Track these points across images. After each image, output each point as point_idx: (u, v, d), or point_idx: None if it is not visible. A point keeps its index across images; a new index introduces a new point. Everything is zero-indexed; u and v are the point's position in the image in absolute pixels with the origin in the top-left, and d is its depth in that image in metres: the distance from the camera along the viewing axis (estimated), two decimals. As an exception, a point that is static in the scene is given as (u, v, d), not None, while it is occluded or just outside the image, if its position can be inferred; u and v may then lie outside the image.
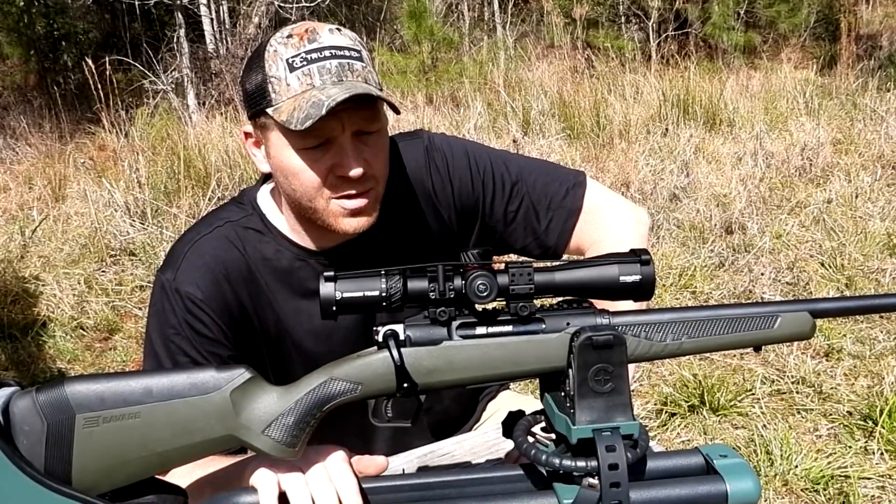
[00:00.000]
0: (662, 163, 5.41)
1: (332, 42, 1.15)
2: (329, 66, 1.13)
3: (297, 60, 1.13)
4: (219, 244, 1.24)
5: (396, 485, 0.86)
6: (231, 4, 9.16)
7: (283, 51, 1.14)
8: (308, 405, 0.85)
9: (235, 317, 1.24)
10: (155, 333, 1.23)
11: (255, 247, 1.26)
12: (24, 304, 3.99)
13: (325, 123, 1.11)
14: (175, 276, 1.22)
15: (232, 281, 1.24)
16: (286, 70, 1.13)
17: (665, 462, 0.87)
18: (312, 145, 1.15)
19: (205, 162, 5.41)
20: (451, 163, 1.36)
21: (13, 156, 6.85)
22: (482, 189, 1.37)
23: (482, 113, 6.56)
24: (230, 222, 1.27)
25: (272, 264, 1.27)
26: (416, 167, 1.35)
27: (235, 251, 1.25)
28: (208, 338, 1.21)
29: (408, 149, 1.36)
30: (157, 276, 1.25)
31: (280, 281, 1.27)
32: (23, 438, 0.79)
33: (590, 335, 0.81)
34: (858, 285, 3.73)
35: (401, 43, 9.91)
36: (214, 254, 1.23)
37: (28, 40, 9.54)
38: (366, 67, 1.17)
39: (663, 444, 2.56)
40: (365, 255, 1.26)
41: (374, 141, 1.19)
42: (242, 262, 1.25)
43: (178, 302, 1.20)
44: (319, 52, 1.13)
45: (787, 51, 9.46)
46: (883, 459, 2.47)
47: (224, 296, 1.22)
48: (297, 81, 1.13)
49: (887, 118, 6.09)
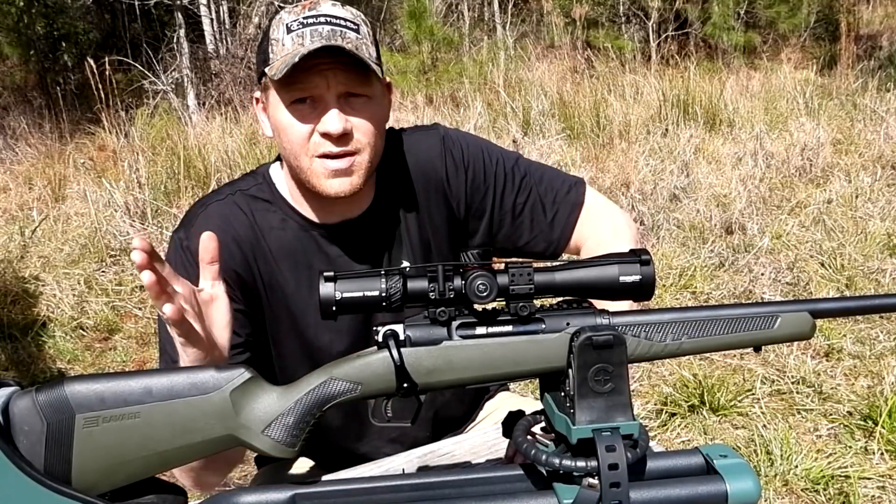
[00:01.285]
0: (662, 163, 5.41)
1: (330, 11, 1.23)
2: (321, 30, 1.20)
3: (295, 24, 1.21)
4: (230, 210, 1.31)
5: (396, 485, 0.86)
6: (231, 4, 9.17)
7: (285, 17, 1.24)
8: (308, 405, 0.85)
9: (243, 278, 1.30)
10: None
11: (263, 216, 1.32)
12: (24, 304, 3.99)
13: (309, 78, 1.19)
14: (188, 235, 1.27)
15: (241, 245, 1.30)
16: (284, 33, 1.21)
17: (665, 462, 0.87)
18: (298, 98, 1.21)
19: (205, 162, 5.41)
20: (465, 154, 1.41)
21: (13, 156, 6.85)
22: (493, 181, 1.42)
23: (482, 113, 6.56)
24: (241, 191, 1.34)
25: (277, 233, 1.32)
26: (431, 155, 1.40)
27: (245, 218, 1.31)
28: None
29: (423, 138, 1.42)
30: (171, 236, 1.33)
31: (284, 250, 1.33)
32: (23, 438, 0.79)
33: (590, 335, 0.81)
34: (858, 285, 3.73)
35: (401, 43, 9.92)
36: (225, 218, 1.30)
37: (28, 40, 9.53)
38: (360, 38, 1.22)
39: (663, 444, 2.56)
40: (366, 234, 1.33)
41: (362, 106, 1.23)
42: (250, 229, 1.31)
43: (189, 258, 1.25)
44: (315, 17, 1.21)
45: (786, 51, 9.46)
46: (883, 459, 2.47)
47: (232, 257, 1.28)
48: (290, 42, 1.20)
49: (887, 118, 6.09)
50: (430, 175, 1.39)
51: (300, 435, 0.85)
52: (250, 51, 8.25)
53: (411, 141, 1.41)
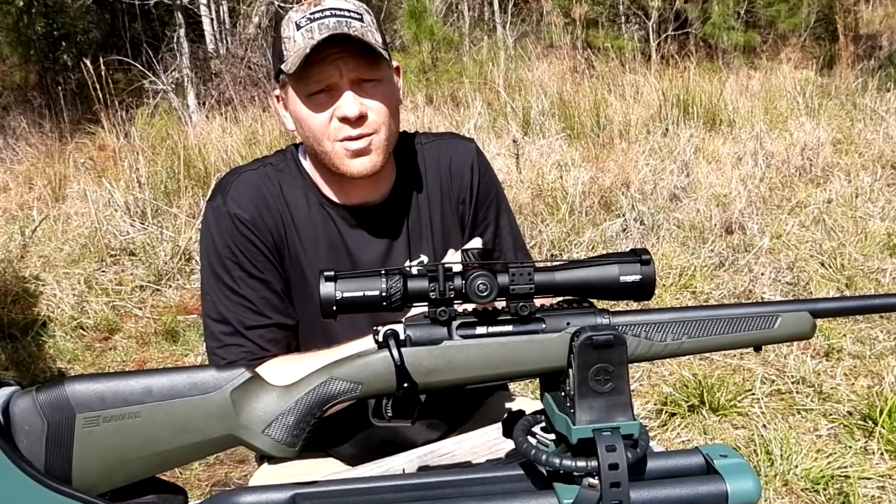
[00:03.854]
0: (662, 163, 5.41)
1: (335, 4, 1.30)
2: (328, 22, 1.27)
3: (303, 21, 1.29)
4: (261, 180, 1.39)
5: (396, 485, 0.86)
6: (231, 4, 9.17)
7: (294, 15, 1.31)
8: (308, 404, 0.85)
9: (276, 242, 1.37)
10: (213, 255, 1.35)
11: (289, 189, 1.40)
12: (24, 304, 3.99)
13: (322, 69, 1.27)
14: (225, 201, 1.35)
15: (271, 212, 1.37)
16: (294, 30, 1.29)
17: (665, 462, 0.87)
18: (315, 90, 1.29)
19: (205, 162, 5.42)
20: (490, 178, 1.53)
21: (13, 156, 6.85)
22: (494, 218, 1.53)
23: (482, 113, 6.56)
24: (271, 164, 1.42)
25: (300, 207, 1.39)
26: (463, 161, 1.50)
27: (274, 187, 1.39)
28: (261, 251, 1.35)
29: (460, 144, 1.53)
30: (207, 205, 1.39)
31: (305, 223, 1.40)
32: (23, 438, 0.79)
33: (590, 335, 0.81)
34: (858, 285, 3.73)
35: (401, 43, 9.91)
36: (257, 185, 1.38)
37: (28, 40, 9.53)
38: (365, 27, 1.29)
39: (663, 444, 2.56)
40: (385, 219, 1.41)
41: (374, 89, 1.31)
42: (279, 198, 1.38)
43: (229, 224, 1.34)
44: (321, 12, 1.29)
45: (786, 51, 9.46)
46: (883, 459, 2.46)
47: (265, 222, 1.36)
48: (301, 38, 1.28)
49: (887, 118, 6.09)
50: (458, 179, 1.49)
51: (301, 434, 0.85)
52: (250, 51, 8.26)
53: (450, 144, 1.51)
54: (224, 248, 1.34)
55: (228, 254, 1.33)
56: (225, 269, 1.34)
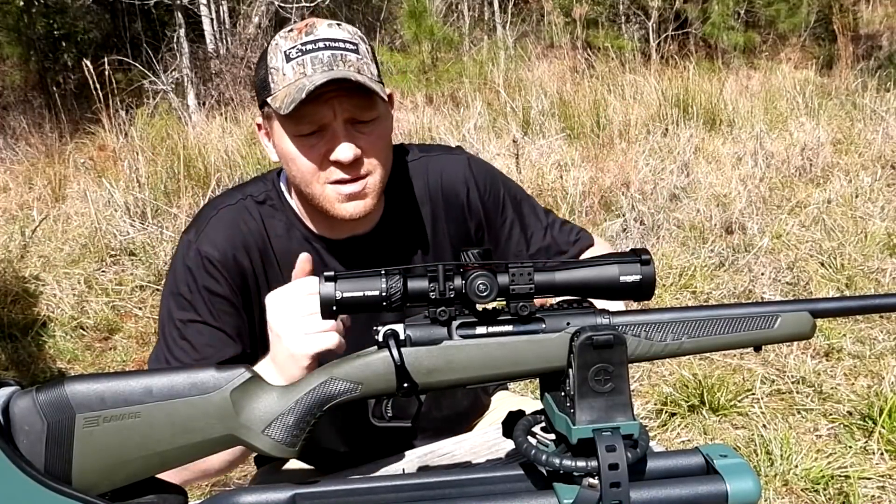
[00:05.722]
0: (662, 163, 5.41)
1: (328, 35, 1.21)
2: (322, 56, 1.18)
3: (294, 52, 1.19)
4: (240, 215, 1.32)
5: (396, 485, 0.86)
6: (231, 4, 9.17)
7: (282, 43, 1.21)
8: (308, 405, 0.85)
9: (248, 284, 1.31)
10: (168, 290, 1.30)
11: (271, 223, 1.33)
12: (24, 304, 3.99)
13: (316, 110, 1.18)
14: (197, 238, 1.29)
15: (249, 251, 1.31)
16: (283, 61, 1.19)
17: (665, 462, 0.87)
18: (307, 132, 1.21)
19: (205, 162, 5.41)
20: (490, 183, 1.45)
21: (13, 155, 6.85)
22: (507, 218, 1.46)
23: (482, 113, 6.56)
24: (252, 197, 1.35)
25: (283, 241, 1.33)
26: (455, 180, 1.41)
27: (255, 223, 1.32)
28: (220, 296, 1.28)
29: (450, 161, 1.43)
30: (181, 237, 1.33)
31: (288, 258, 1.32)
32: (23, 438, 0.79)
33: (590, 335, 0.81)
34: (858, 285, 3.73)
35: (401, 43, 9.91)
36: (235, 223, 1.31)
37: (28, 40, 9.53)
38: (361, 59, 1.21)
39: (663, 444, 2.56)
40: (373, 251, 1.33)
41: (370, 130, 1.23)
42: (259, 235, 1.32)
43: (196, 262, 1.28)
44: (314, 43, 1.19)
45: (786, 51, 9.46)
46: (883, 459, 2.46)
47: (239, 263, 1.29)
48: (291, 71, 1.19)
49: (887, 118, 6.09)
50: (452, 196, 1.41)
51: (300, 435, 0.85)
52: (250, 51, 8.26)
53: (437, 161, 1.43)
54: (183, 286, 1.28)
55: (186, 292, 1.27)
56: (179, 307, 1.28)
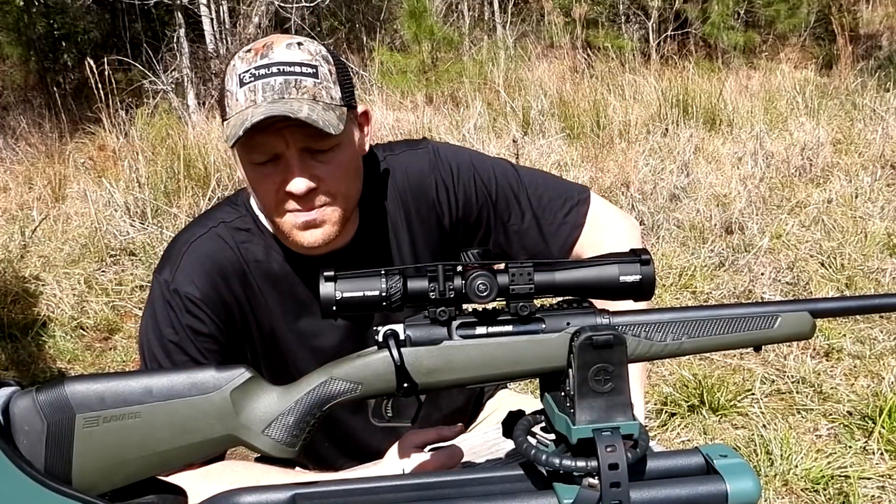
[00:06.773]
0: (662, 163, 5.41)
1: (284, 58, 1.14)
2: (273, 82, 1.13)
3: (247, 76, 1.14)
4: (214, 245, 1.27)
5: (396, 485, 0.86)
6: (231, 4, 9.16)
7: (238, 65, 1.16)
8: (308, 405, 0.85)
9: (232, 315, 1.27)
10: (152, 334, 1.25)
11: (248, 248, 1.29)
12: (24, 304, 3.99)
13: (267, 140, 1.13)
14: (173, 277, 1.24)
15: (228, 280, 1.26)
16: (237, 85, 1.15)
17: (665, 462, 0.86)
18: (260, 161, 1.17)
19: (205, 162, 5.41)
20: (455, 174, 1.37)
21: (13, 155, 6.84)
22: (486, 202, 1.38)
23: (482, 113, 6.56)
24: (224, 223, 1.30)
25: (263, 266, 1.29)
26: (421, 178, 1.36)
27: (230, 251, 1.27)
28: (205, 335, 1.24)
29: (412, 158, 1.37)
30: (154, 278, 1.27)
31: (270, 282, 1.30)
32: (23, 438, 0.79)
33: (590, 335, 0.81)
34: (858, 285, 3.73)
35: (401, 43, 9.91)
36: (210, 254, 1.26)
37: (28, 40, 9.53)
38: (319, 83, 1.15)
39: (663, 444, 2.56)
40: (355, 262, 1.26)
41: (329, 158, 1.18)
42: (237, 262, 1.27)
43: (177, 302, 1.23)
44: (268, 67, 1.13)
45: (786, 51, 9.46)
46: (883, 459, 2.46)
47: (221, 295, 1.25)
48: (243, 97, 1.14)
49: (887, 118, 6.09)
50: (421, 195, 1.35)
51: (301, 435, 0.85)
52: (250, 50, 8.23)
53: (399, 160, 1.37)
54: (167, 328, 1.23)
55: (171, 334, 1.22)
56: (165, 353, 1.23)
